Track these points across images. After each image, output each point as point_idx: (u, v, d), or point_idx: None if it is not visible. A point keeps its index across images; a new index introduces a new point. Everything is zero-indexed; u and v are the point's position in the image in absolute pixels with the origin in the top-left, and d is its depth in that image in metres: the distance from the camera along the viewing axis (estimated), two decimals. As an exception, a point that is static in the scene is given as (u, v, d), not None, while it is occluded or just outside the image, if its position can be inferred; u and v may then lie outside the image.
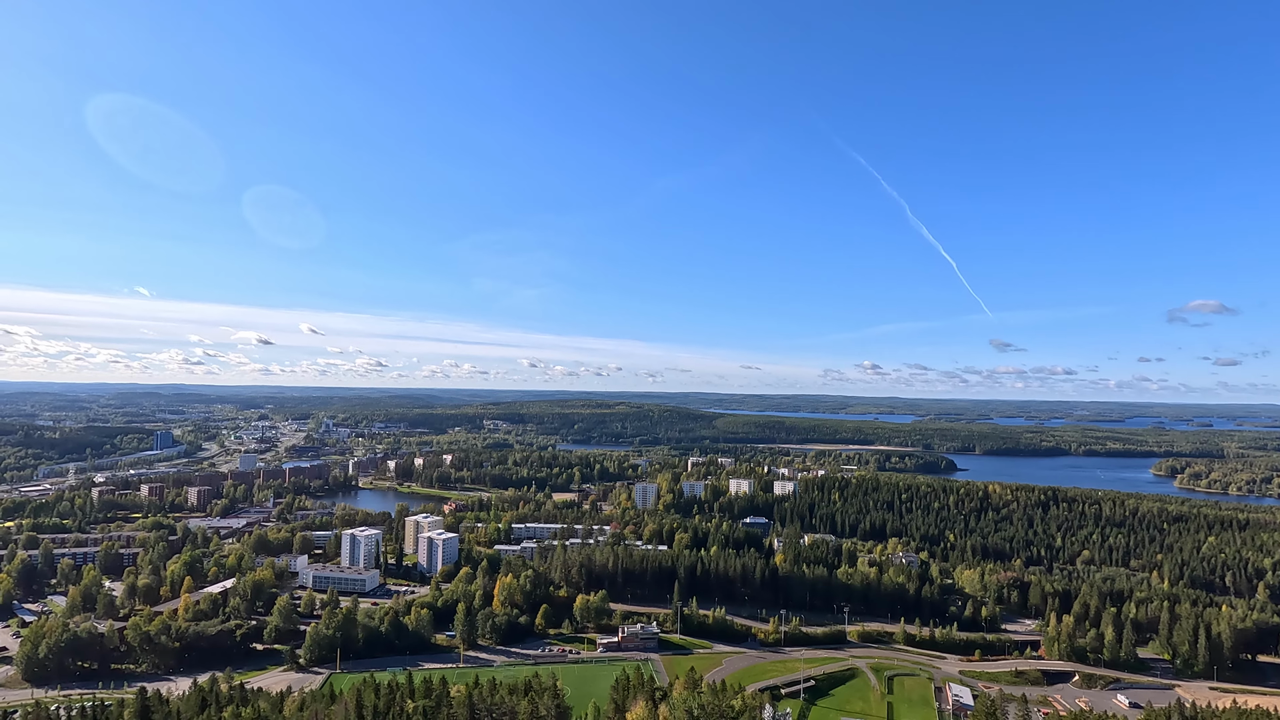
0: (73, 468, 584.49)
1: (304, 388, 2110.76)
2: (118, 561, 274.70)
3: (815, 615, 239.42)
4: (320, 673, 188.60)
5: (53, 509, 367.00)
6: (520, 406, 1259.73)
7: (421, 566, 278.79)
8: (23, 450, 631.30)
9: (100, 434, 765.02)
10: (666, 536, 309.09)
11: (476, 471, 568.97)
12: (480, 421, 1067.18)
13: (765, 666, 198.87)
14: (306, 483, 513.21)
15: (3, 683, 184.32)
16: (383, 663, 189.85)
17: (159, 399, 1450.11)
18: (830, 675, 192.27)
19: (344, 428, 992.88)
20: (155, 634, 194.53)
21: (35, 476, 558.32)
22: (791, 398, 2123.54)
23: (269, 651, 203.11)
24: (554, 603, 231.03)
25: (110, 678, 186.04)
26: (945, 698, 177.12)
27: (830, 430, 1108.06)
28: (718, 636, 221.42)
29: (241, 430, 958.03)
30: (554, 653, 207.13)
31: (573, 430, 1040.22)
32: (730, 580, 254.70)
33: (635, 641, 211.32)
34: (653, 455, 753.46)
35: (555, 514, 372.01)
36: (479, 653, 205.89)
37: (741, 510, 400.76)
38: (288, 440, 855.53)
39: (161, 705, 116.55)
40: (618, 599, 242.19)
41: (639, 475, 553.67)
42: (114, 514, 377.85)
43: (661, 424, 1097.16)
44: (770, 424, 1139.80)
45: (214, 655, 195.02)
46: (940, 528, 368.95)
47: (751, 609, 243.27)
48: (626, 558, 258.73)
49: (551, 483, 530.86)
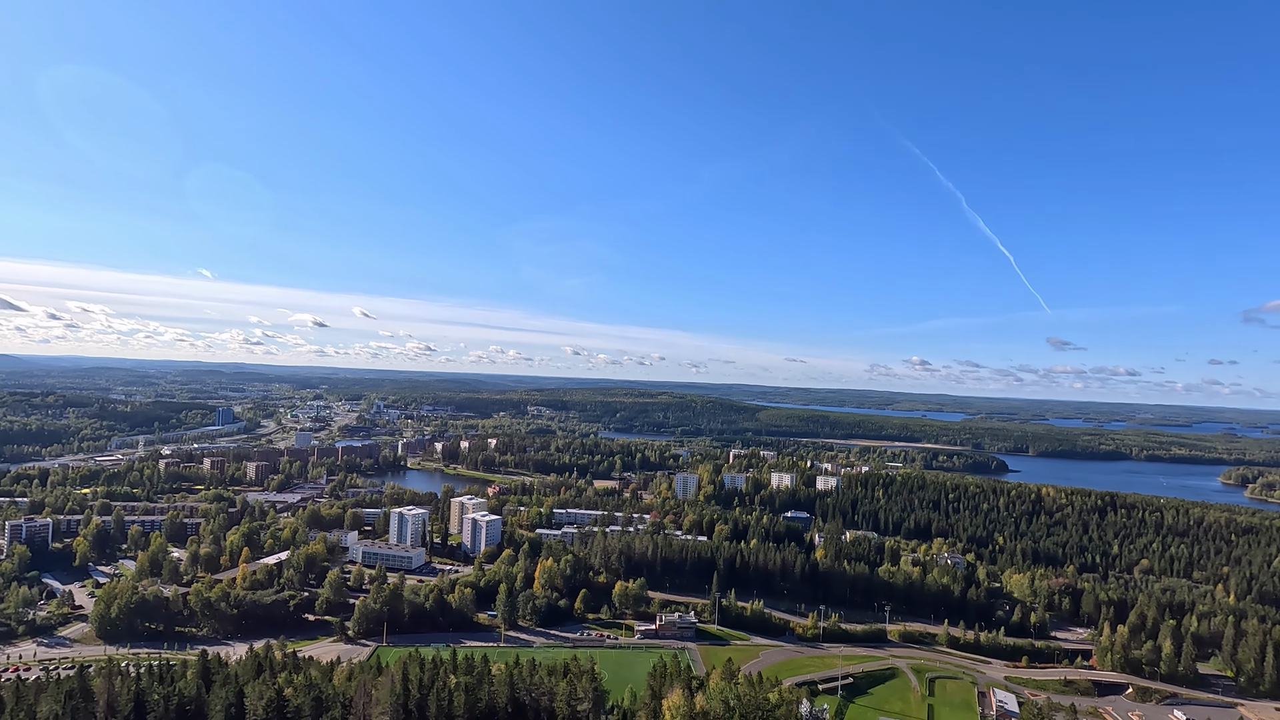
0: (142, 440, 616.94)
1: (356, 369, 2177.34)
2: (182, 530, 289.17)
3: (855, 612, 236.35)
4: (368, 645, 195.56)
5: (124, 478, 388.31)
6: (563, 393, 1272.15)
7: (465, 547, 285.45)
8: (98, 422, 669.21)
9: (167, 409, 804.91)
10: (706, 527, 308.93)
11: (520, 456, 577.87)
12: (524, 407, 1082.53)
13: (803, 661, 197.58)
14: (358, 461, 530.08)
15: (79, 639, 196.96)
16: (427, 638, 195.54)
17: (221, 377, 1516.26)
18: (869, 674, 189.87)
19: (394, 409, 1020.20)
20: (215, 600, 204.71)
21: (109, 447, 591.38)
22: (836, 392, 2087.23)
23: (320, 622, 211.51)
24: (593, 588, 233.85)
25: (174, 639, 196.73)
26: (989, 703, 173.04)
27: (876, 426, 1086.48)
28: (755, 629, 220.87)
29: (297, 409, 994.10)
30: (592, 637, 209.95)
31: (615, 418, 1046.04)
32: (769, 573, 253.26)
33: (672, 630, 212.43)
34: (694, 446, 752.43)
35: (596, 501, 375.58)
36: (519, 633, 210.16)
37: (783, 504, 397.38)
38: (341, 420, 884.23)
39: (221, 668, 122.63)
40: (656, 587, 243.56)
41: (680, 465, 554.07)
42: (179, 485, 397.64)
43: (704, 415, 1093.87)
44: (814, 418, 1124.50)
45: (269, 623, 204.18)
46: (989, 529, 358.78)
47: (790, 603, 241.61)
48: (666, 547, 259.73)
49: (593, 470, 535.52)
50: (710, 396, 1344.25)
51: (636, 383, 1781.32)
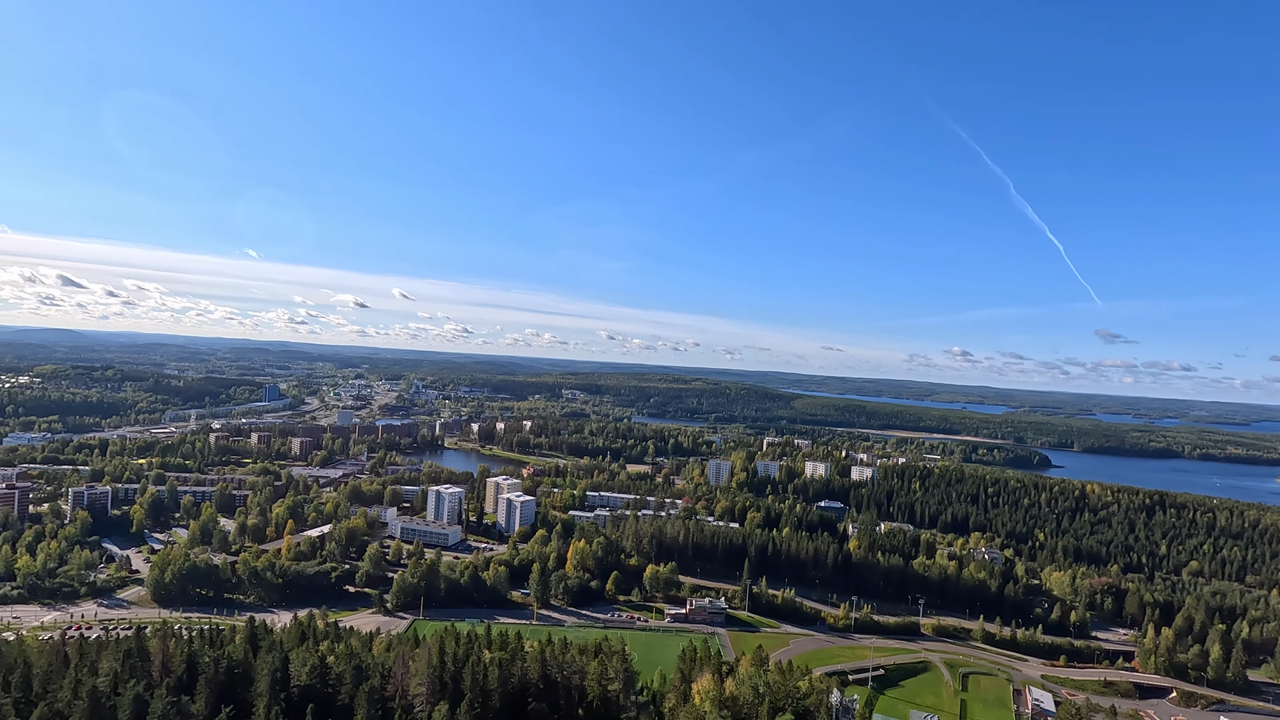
0: (194, 414, 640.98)
1: (396, 350, 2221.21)
2: (230, 501, 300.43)
3: (888, 605, 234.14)
4: (405, 618, 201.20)
5: (177, 450, 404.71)
6: (598, 378, 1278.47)
7: (500, 526, 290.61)
8: (153, 396, 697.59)
9: (217, 385, 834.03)
10: (738, 514, 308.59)
11: (554, 439, 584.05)
12: (559, 390, 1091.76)
13: (833, 651, 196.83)
14: (397, 440, 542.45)
15: (135, 601, 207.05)
16: (461, 613, 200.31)
17: (267, 354, 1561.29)
18: (901, 666, 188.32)
19: (432, 390, 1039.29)
20: (262, 570, 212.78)
21: (163, 420, 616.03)
22: (874, 382, 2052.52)
23: (360, 594, 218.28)
24: (624, 570, 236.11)
25: (223, 605, 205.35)
26: (1024, 701, 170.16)
27: (914, 417, 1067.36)
28: (785, 617, 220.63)
29: (340, 387, 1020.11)
30: (623, 618, 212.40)
31: (648, 403, 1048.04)
32: (801, 562, 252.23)
33: (703, 615, 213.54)
34: (728, 433, 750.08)
35: (628, 484, 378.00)
36: (551, 612, 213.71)
37: (816, 493, 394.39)
38: (381, 399, 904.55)
39: (267, 634, 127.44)
40: (687, 572, 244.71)
41: (713, 452, 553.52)
42: (228, 458, 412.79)
43: (738, 402, 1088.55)
44: (850, 408, 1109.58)
45: (311, 593, 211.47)
46: (1029, 525, 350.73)
47: (822, 593, 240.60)
48: (698, 532, 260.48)
49: (625, 454, 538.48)
50: (744, 383, 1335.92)
51: (670, 368, 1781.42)
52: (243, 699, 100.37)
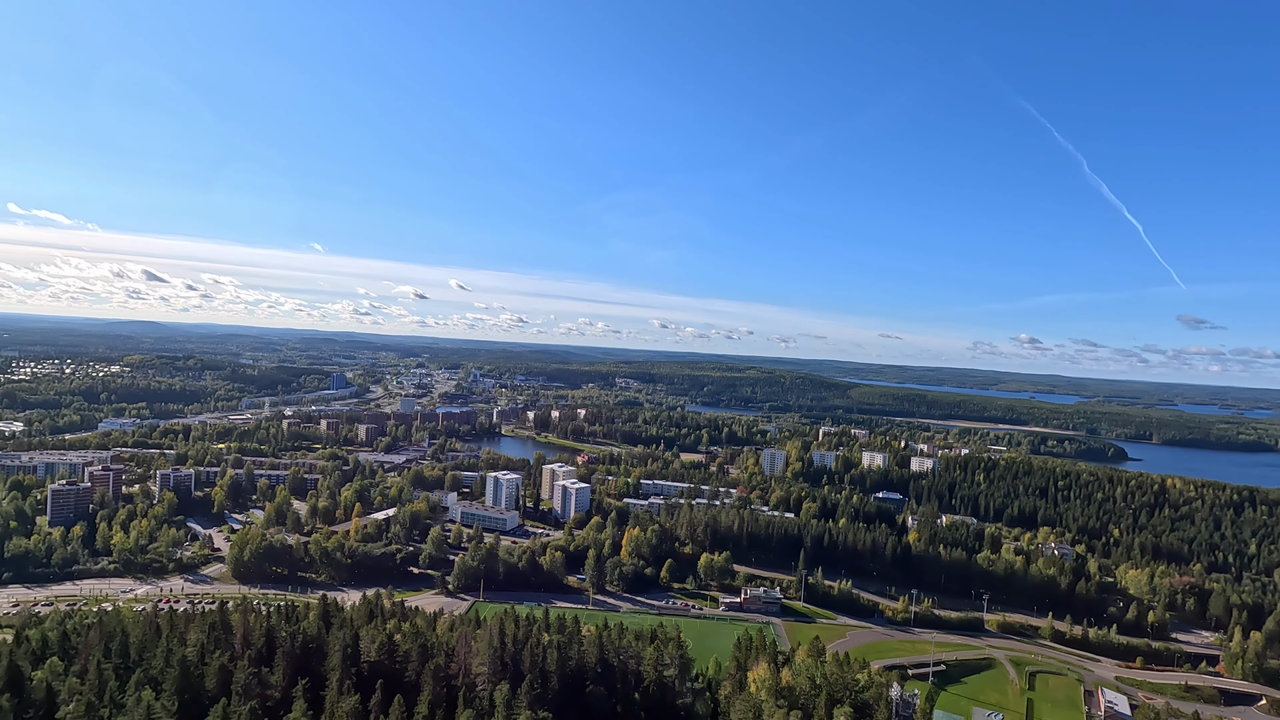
0: (268, 401, 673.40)
1: (455, 339, 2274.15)
2: (302, 485, 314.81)
3: (949, 599, 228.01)
4: (466, 599, 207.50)
5: (253, 435, 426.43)
6: (651, 366, 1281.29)
7: (556, 512, 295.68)
8: (230, 384, 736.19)
9: (288, 373, 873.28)
10: (794, 504, 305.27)
11: (608, 427, 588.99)
12: (612, 379, 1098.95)
13: (892, 645, 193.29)
14: (456, 427, 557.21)
15: (218, 577, 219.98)
16: (520, 596, 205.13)
17: (334, 344, 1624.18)
18: (963, 662, 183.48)
19: (489, 378, 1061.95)
20: (332, 550, 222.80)
21: (239, 407, 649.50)
22: (935, 370, 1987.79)
23: (423, 575, 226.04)
24: (678, 558, 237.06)
25: (296, 583, 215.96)
26: (1097, 703, 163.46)
27: (978, 407, 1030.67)
28: (842, 608, 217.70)
29: (402, 376, 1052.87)
30: (677, 606, 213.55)
31: (702, 392, 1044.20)
32: (858, 554, 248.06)
33: (757, 604, 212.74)
34: (782, 422, 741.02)
35: (682, 473, 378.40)
36: (606, 597, 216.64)
37: (874, 484, 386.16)
38: (440, 387, 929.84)
39: (338, 612, 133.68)
40: (741, 561, 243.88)
41: (767, 441, 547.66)
42: (299, 443, 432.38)
43: (793, 391, 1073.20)
44: (909, 397, 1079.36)
45: (378, 573, 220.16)
46: (1102, 520, 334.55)
47: (879, 585, 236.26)
48: (752, 521, 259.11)
49: (679, 442, 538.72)
50: (799, 372, 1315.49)
51: (724, 356, 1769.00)
52: (317, 672, 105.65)
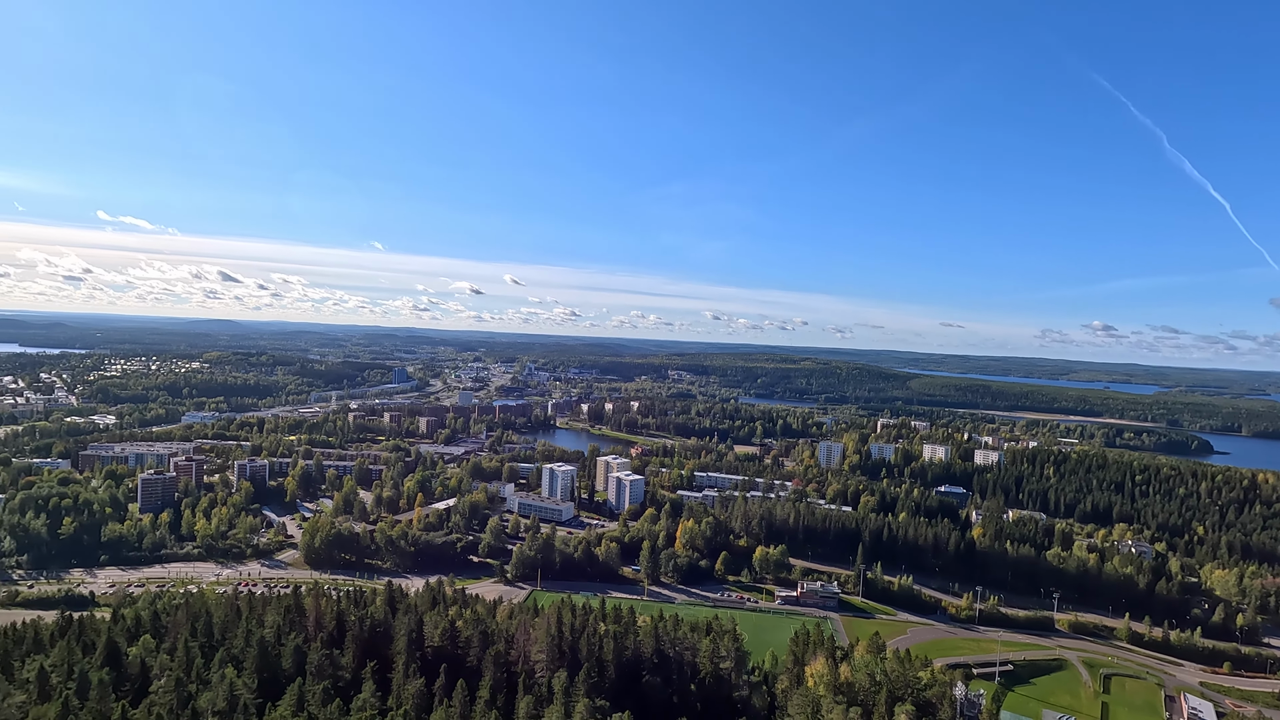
0: (334, 395, 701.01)
1: (510, 333, 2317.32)
2: (367, 475, 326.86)
3: (1016, 597, 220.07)
4: (524, 588, 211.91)
5: (321, 428, 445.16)
6: (703, 358, 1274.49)
7: (610, 503, 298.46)
8: (299, 379, 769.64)
9: (353, 368, 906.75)
10: (851, 498, 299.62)
11: (661, 419, 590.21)
12: (665, 371, 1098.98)
13: (955, 642, 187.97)
14: (512, 419, 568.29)
15: (291, 563, 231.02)
16: (576, 586, 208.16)
17: (395, 340, 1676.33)
18: (1032, 662, 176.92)
19: (544, 371, 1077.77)
20: (396, 538, 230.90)
21: (308, 401, 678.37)
22: (1000, 360, 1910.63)
23: (482, 564, 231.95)
24: (733, 551, 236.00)
25: (363, 569, 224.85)
26: (1179, 709, 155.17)
27: (1047, 398, 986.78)
28: (902, 604, 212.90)
29: (460, 370, 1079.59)
30: (732, 598, 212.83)
31: (755, 384, 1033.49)
32: (919, 549, 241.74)
33: (814, 598, 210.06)
34: (839, 414, 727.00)
35: (736, 466, 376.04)
36: (661, 589, 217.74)
37: (935, 477, 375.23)
38: (497, 381, 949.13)
39: (403, 598, 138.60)
40: (797, 555, 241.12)
41: (823, 433, 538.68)
42: (364, 435, 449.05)
43: (849, 382, 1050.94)
44: (973, 387, 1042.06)
45: (439, 561, 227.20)
46: (1185, 517, 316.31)
47: (941, 581, 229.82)
48: (808, 515, 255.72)
49: (733, 435, 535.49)
50: (856, 363, 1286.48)
51: (778, 348, 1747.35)
52: (384, 655, 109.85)
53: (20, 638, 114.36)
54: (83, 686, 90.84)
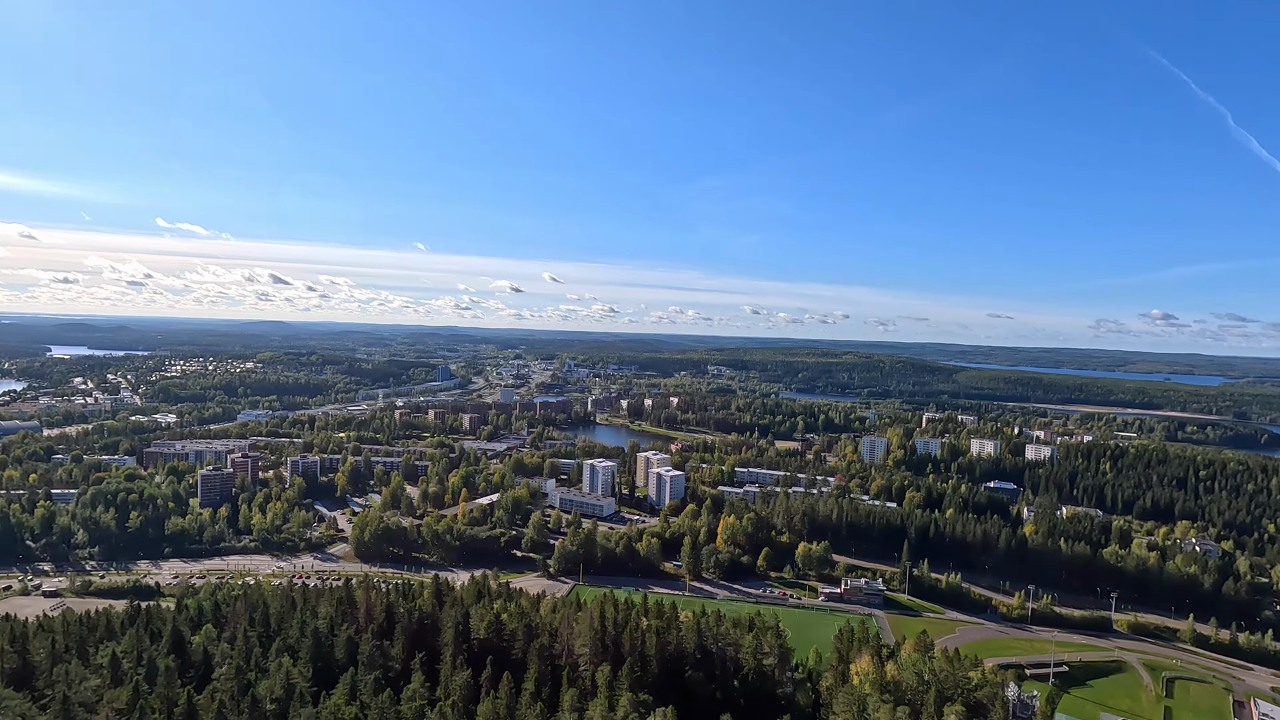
0: (381, 393, 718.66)
1: (549, 331, 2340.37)
2: (414, 471, 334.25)
3: (1071, 596, 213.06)
4: (566, 582, 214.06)
5: (369, 425, 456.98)
6: (743, 353, 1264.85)
7: (651, 499, 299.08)
8: (347, 377, 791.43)
9: (398, 367, 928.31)
10: (896, 494, 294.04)
11: (701, 415, 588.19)
12: (704, 367, 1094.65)
13: (1007, 642, 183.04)
14: (553, 416, 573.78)
15: (342, 556, 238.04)
16: (617, 581, 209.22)
17: (438, 339, 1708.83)
18: (1089, 664, 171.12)
19: (583, 368, 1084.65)
20: (442, 533, 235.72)
21: (356, 399, 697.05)
22: (1051, 351, 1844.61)
23: (525, 558, 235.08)
24: (775, 547, 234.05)
25: (411, 562, 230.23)
26: (1248, 715, 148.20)
27: (1102, 390, 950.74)
28: (950, 603, 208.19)
29: (501, 367, 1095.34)
30: (775, 595, 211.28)
31: (796, 378, 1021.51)
32: (967, 546, 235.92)
33: (859, 595, 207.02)
34: (882, 408, 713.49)
35: (777, 461, 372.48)
36: (702, 584, 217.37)
37: (984, 473, 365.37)
38: (537, 377, 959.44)
39: (449, 591, 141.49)
40: (840, 551, 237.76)
41: (866, 428, 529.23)
42: (410, 432, 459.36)
43: (893, 375, 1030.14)
44: (1023, 380, 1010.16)
45: (484, 555, 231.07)
46: (1254, 515, 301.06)
47: (991, 580, 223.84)
48: (852, 511, 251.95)
49: (774, 430, 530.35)
50: (900, 356, 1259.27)
51: (819, 342, 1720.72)
52: (432, 646, 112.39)
53: (94, 625, 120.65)
54: (151, 672, 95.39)
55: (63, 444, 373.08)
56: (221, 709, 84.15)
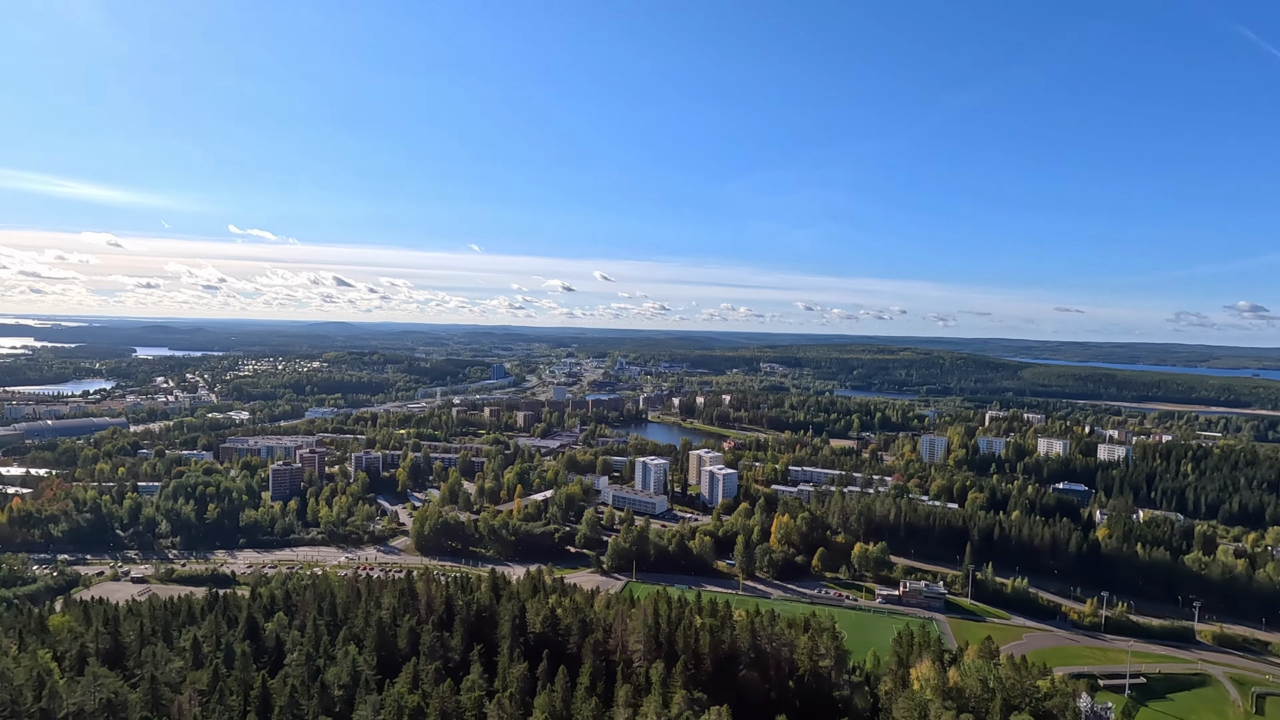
0: (439, 391, 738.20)
1: (601, 329, 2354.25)
2: (470, 467, 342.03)
3: (1148, 604, 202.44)
4: (619, 579, 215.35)
5: (427, 422, 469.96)
6: (796, 350, 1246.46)
7: (703, 497, 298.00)
8: (407, 376, 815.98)
9: (455, 365, 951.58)
10: (957, 494, 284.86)
11: (753, 412, 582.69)
12: (756, 364, 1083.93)
13: (1078, 651, 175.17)
14: (605, 413, 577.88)
15: (403, 549, 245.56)
16: (670, 578, 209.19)
17: (493, 338, 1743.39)
18: (1169, 676, 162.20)
19: (635, 366, 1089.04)
20: (498, 528, 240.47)
21: (415, 396, 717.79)
22: (1126, 346, 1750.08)
23: (579, 554, 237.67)
24: (830, 547, 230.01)
25: (468, 556, 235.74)
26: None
27: (1183, 387, 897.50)
28: (1016, 608, 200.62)
29: (554, 365, 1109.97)
30: (830, 596, 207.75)
31: (851, 376, 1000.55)
32: (1035, 550, 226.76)
33: (918, 598, 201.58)
34: (942, 406, 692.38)
35: (832, 460, 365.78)
36: (755, 584, 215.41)
37: (1052, 474, 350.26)
38: (589, 376, 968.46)
39: (506, 585, 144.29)
40: (898, 552, 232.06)
41: (925, 426, 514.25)
42: (467, 429, 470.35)
43: (953, 372, 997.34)
44: (1094, 377, 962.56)
45: (538, 550, 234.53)
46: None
47: (1060, 585, 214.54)
48: (910, 511, 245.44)
49: (828, 428, 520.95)
50: (961, 352, 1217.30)
51: (874, 338, 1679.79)
52: (489, 639, 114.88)
53: (177, 610, 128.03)
54: (228, 656, 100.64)
55: (147, 439, 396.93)
56: (293, 694, 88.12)
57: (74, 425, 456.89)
